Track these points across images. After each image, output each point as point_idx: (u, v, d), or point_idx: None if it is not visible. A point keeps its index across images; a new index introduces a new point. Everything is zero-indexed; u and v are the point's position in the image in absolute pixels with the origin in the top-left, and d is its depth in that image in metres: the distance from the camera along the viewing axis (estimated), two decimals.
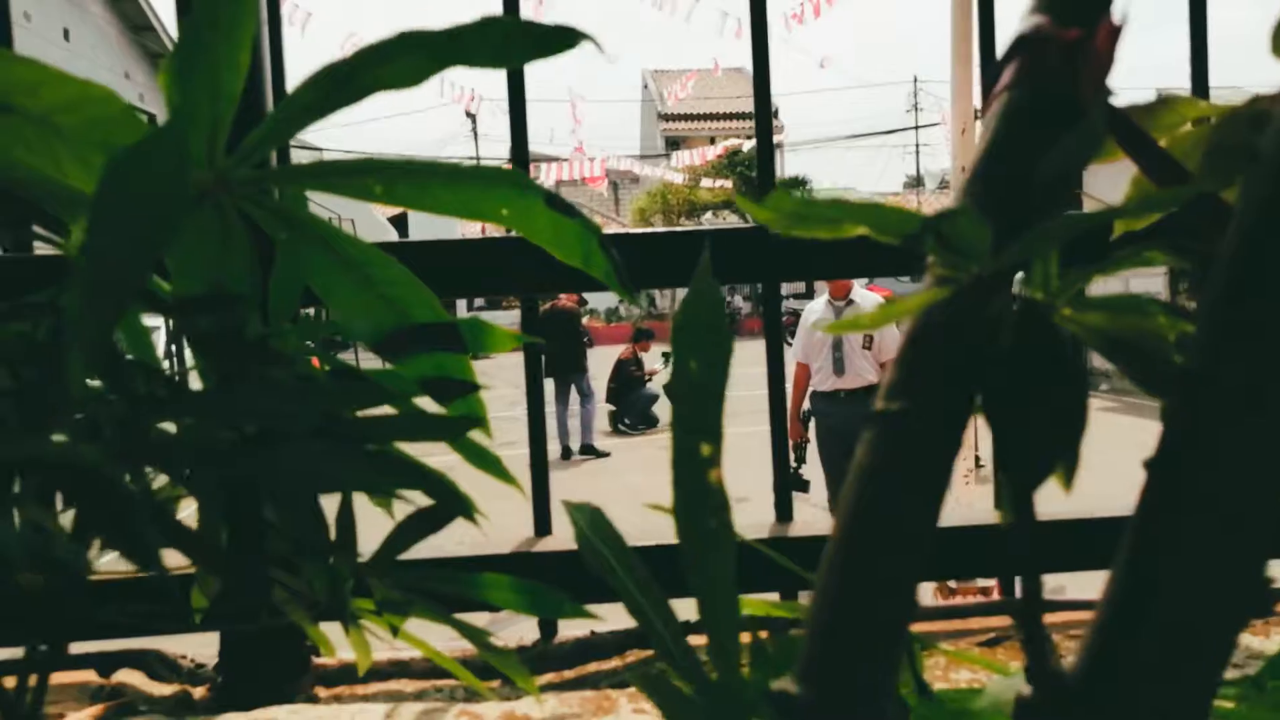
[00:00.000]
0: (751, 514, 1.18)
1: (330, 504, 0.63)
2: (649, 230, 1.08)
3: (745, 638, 0.50)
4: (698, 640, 0.46)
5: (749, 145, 21.79)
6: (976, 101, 4.09)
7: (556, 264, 0.59)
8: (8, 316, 0.44)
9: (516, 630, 1.20)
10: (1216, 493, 0.30)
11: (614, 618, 0.90)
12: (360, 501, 0.64)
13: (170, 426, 0.52)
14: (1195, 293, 0.34)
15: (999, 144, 0.38)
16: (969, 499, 4.46)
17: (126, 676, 0.98)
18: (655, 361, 9.90)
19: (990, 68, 0.37)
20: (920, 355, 0.36)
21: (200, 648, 1.09)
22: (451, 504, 0.60)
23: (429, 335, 0.61)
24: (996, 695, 0.47)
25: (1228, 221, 0.32)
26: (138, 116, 0.48)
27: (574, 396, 8.56)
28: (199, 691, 0.96)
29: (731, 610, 0.47)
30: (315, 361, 0.64)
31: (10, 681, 0.48)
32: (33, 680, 0.48)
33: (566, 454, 8.56)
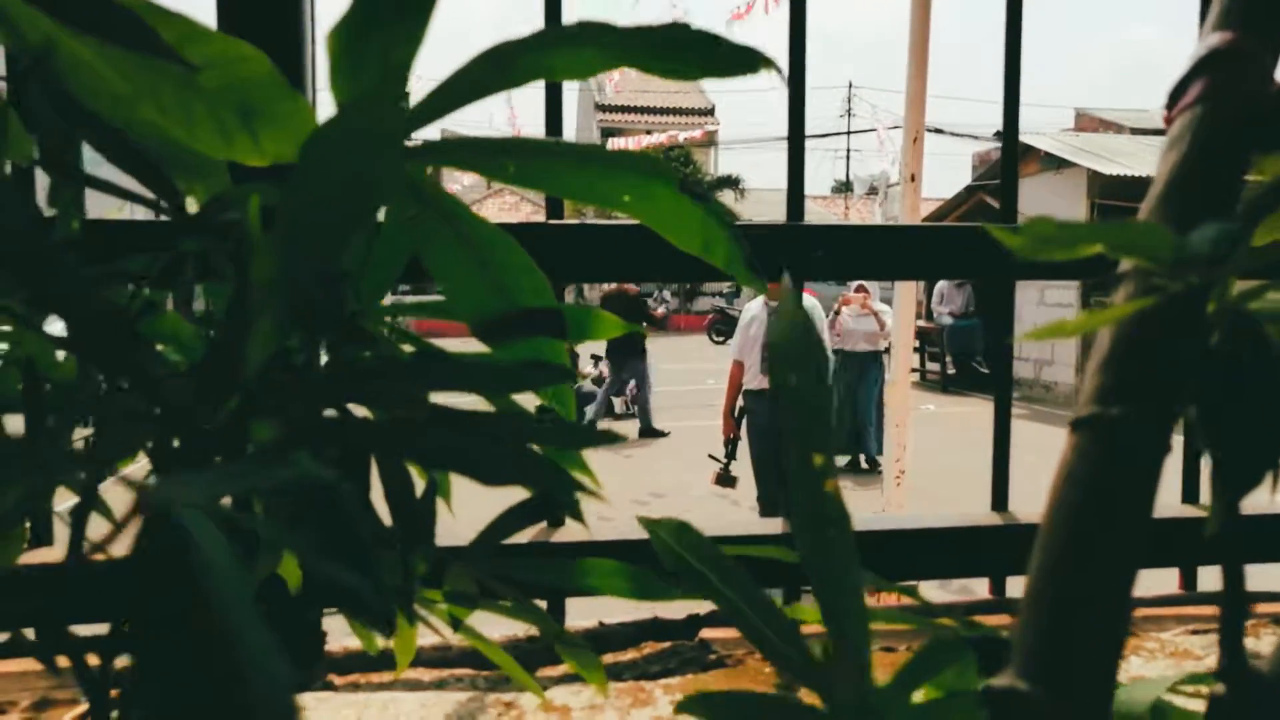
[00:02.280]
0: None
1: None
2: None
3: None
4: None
5: (683, 140, 21.91)
6: (928, 114, 4.20)
7: (668, 252, 0.58)
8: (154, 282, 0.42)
9: (508, 628, 1.18)
10: None
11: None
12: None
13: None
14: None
15: (1195, 161, 0.39)
16: (898, 501, 4.60)
17: None
18: (585, 365, 10.03)
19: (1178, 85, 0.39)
20: (1132, 361, 0.37)
21: None
22: (560, 499, 0.59)
23: (532, 320, 0.60)
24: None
25: None
26: (284, 81, 0.46)
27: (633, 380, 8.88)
28: None
29: (861, 620, 0.46)
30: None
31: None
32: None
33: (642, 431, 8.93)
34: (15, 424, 0.47)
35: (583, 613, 1.13)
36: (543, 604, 1.09)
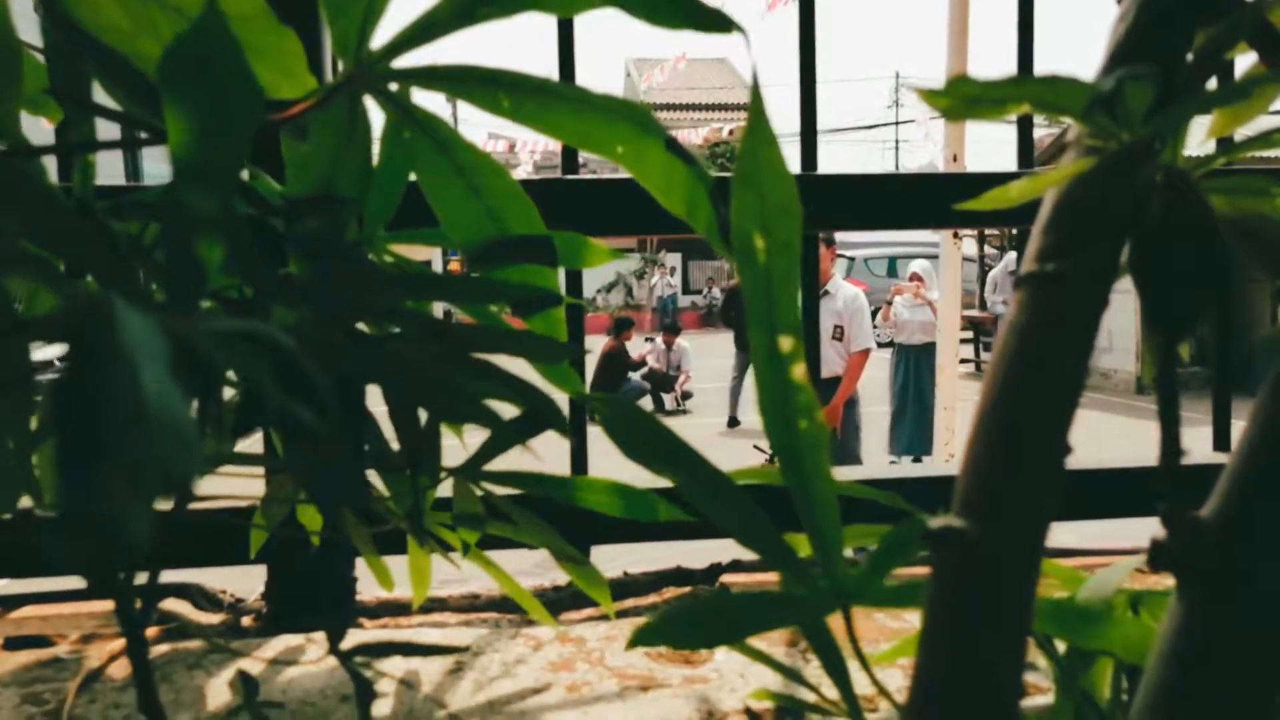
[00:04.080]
0: None
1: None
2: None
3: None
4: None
5: (727, 134, 21.83)
6: None
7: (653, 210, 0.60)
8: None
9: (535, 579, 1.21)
10: None
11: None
12: None
13: None
14: None
15: (1142, 31, 0.40)
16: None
17: (173, 606, 0.98)
18: (639, 349, 10.08)
19: None
20: (1071, 220, 0.38)
21: (232, 583, 1.10)
22: (545, 415, 0.61)
23: (521, 247, 0.62)
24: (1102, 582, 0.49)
25: None
26: (272, 16, 0.49)
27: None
28: (247, 620, 0.96)
29: (830, 505, 0.47)
30: None
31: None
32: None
33: (733, 423, 9.01)
34: None
35: (609, 565, 1.16)
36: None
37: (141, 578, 0.50)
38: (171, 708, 0.70)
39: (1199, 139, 0.44)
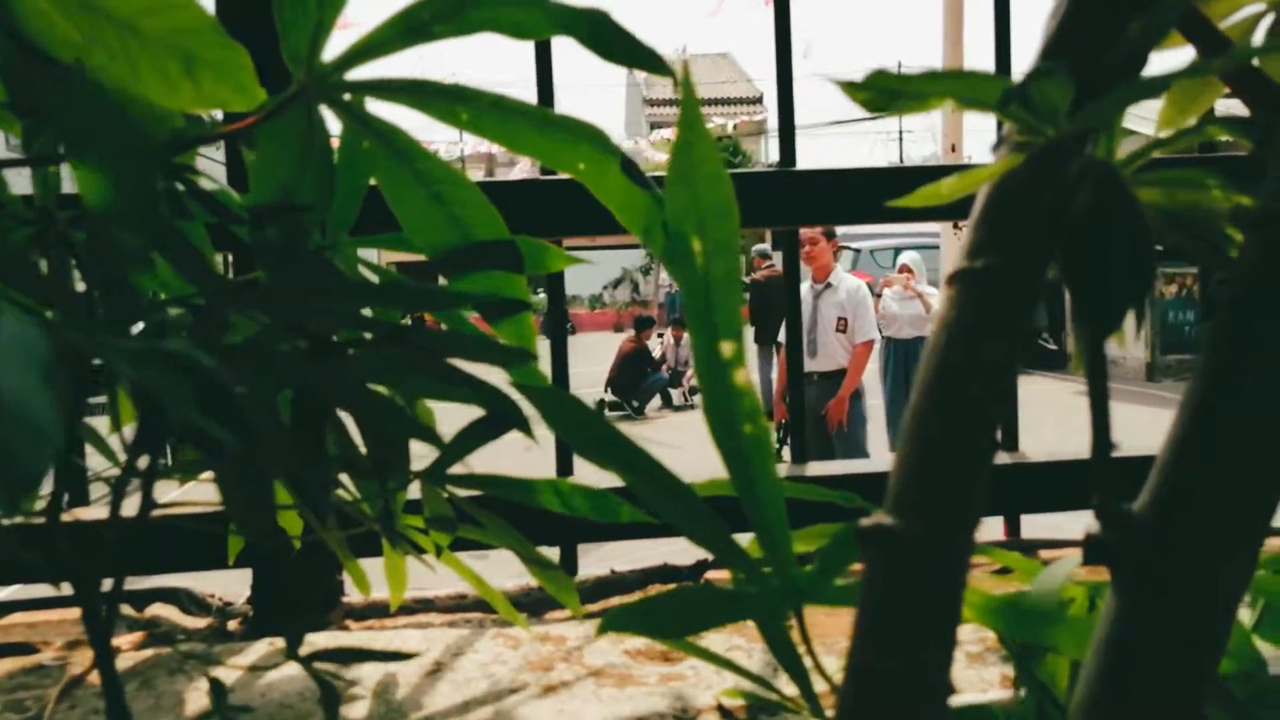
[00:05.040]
0: None
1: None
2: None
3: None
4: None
5: (732, 130, 21.81)
6: None
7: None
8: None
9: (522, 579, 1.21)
10: None
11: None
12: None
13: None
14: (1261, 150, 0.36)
15: (1071, 19, 0.40)
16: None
17: (159, 611, 0.99)
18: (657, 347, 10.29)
19: None
20: (1001, 217, 0.38)
21: (225, 587, 1.10)
22: (509, 417, 0.62)
23: (488, 253, 0.63)
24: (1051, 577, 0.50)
25: (1274, 93, 0.34)
26: (220, 30, 0.50)
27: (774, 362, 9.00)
28: (233, 624, 0.97)
29: (778, 507, 0.47)
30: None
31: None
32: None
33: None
34: None
35: (597, 561, 1.16)
36: (555, 554, 1.12)
37: (148, 582, 0.51)
38: (151, 712, 0.71)
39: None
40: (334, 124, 0.58)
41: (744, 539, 0.49)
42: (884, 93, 0.35)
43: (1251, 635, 0.48)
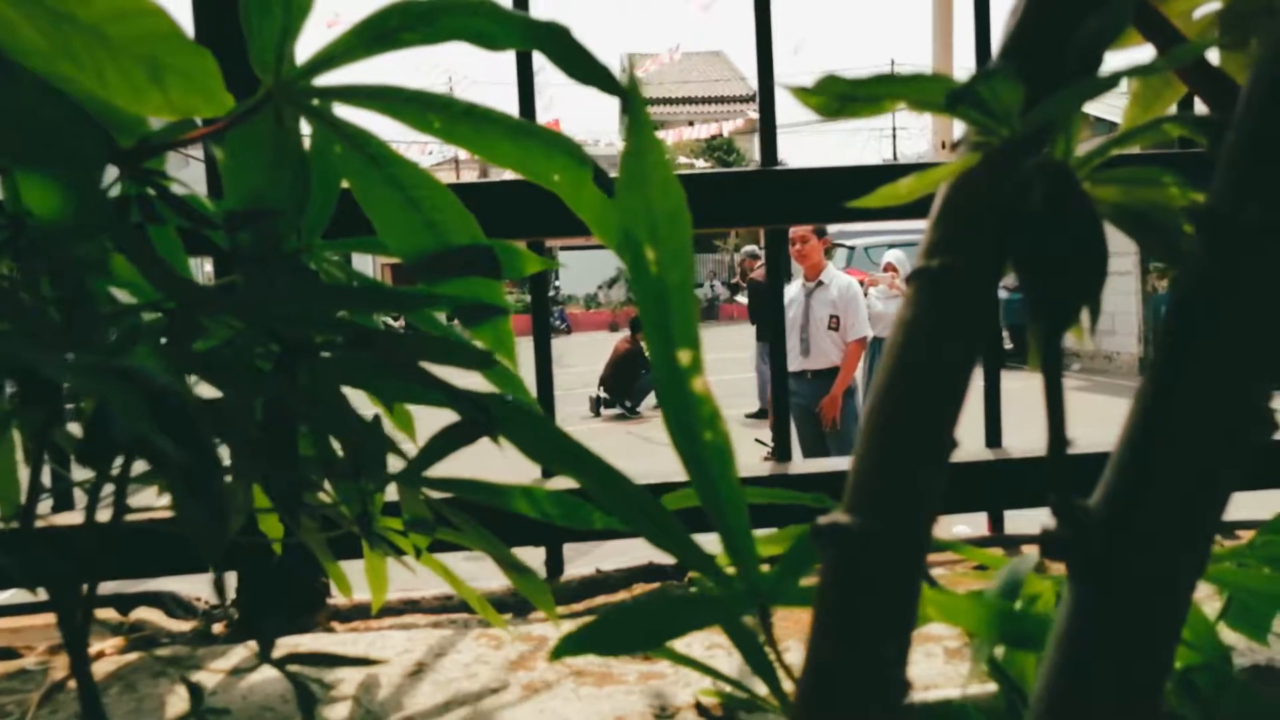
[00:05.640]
0: None
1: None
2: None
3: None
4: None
5: (728, 130, 21.80)
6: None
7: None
8: None
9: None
10: (1236, 322, 0.33)
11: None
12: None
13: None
14: (1213, 152, 0.37)
15: (1029, 17, 0.40)
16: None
17: (144, 614, 0.99)
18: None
19: None
20: (958, 216, 0.38)
21: (205, 589, 1.10)
22: (482, 423, 0.62)
23: (464, 258, 0.63)
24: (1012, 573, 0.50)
25: (1230, 90, 0.35)
26: (186, 36, 0.50)
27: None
28: (217, 627, 0.97)
29: (739, 511, 0.46)
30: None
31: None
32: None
33: (762, 414, 8.92)
34: None
35: (597, 561, 1.16)
36: (540, 553, 1.12)
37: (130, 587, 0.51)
38: (132, 716, 0.71)
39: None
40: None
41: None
42: (837, 97, 0.35)
43: (1216, 626, 0.48)
